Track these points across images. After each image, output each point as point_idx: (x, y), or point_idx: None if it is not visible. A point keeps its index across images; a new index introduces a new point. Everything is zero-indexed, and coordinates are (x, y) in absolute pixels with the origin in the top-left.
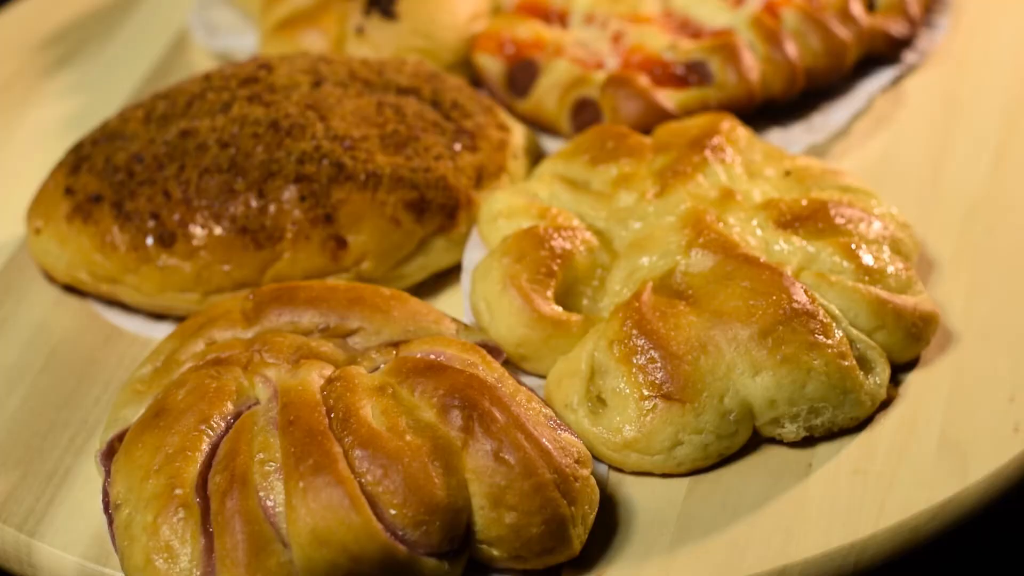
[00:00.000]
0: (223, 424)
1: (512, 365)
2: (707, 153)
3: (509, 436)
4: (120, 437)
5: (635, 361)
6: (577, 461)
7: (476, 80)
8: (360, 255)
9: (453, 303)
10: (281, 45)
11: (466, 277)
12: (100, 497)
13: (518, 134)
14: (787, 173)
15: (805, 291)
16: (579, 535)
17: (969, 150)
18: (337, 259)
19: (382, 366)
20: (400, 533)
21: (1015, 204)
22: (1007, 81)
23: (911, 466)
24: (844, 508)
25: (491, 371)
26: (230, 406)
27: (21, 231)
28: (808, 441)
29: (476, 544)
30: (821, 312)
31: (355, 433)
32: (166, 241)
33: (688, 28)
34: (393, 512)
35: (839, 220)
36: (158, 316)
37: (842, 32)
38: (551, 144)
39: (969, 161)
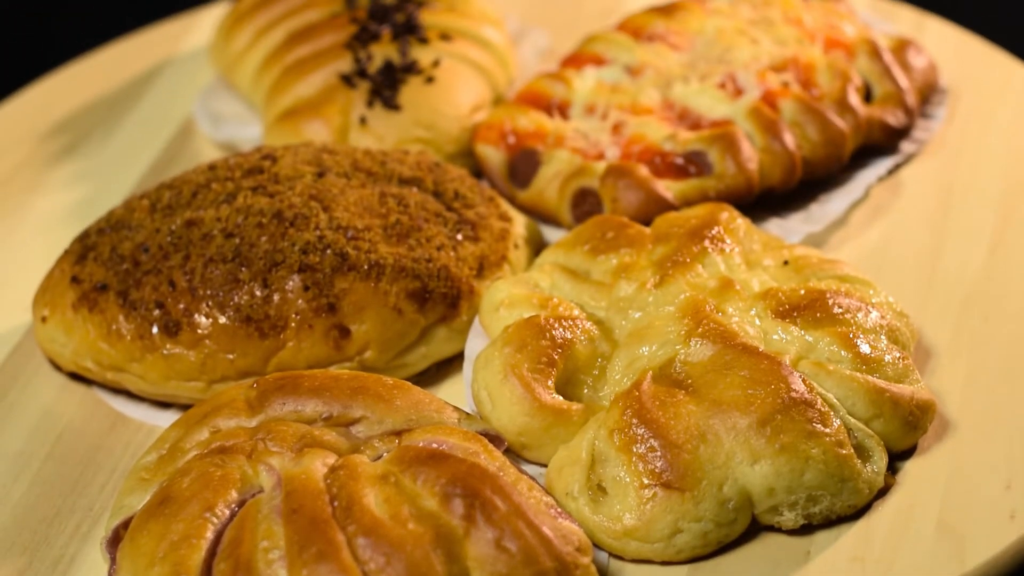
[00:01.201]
0: (227, 512)
1: (513, 454)
2: (706, 243)
3: (510, 524)
4: (125, 524)
5: (635, 450)
6: (578, 549)
7: (478, 170)
8: (363, 344)
9: (455, 392)
10: (285, 135)
11: (468, 366)
12: None
13: (519, 224)
14: (785, 263)
15: (803, 380)
16: None
17: (965, 239)
18: (340, 348)
19: (385, 455)
20: None
21: (1011, 293)
22: (1002, 171)
23: (909, 553)
24: None
25: (493, 460)
26: (234, 494)
27: (27, 319)
28: (806, 529)
29: None
30: (819, 401)
31: (358, 521)
32: (171, 330)
33: (687, 119)
34: None
35: (837, 310)
36: (163, 404)
37: (840, 122)
38: (552, 234)
39: (965, 250)
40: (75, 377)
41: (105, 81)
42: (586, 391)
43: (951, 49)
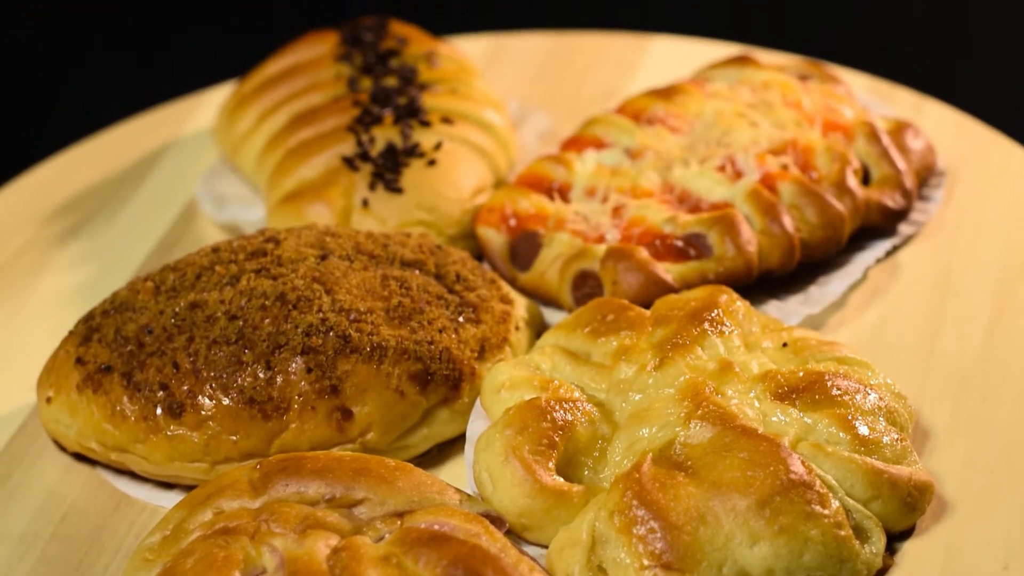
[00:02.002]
0: None
1: (514, 535)
2: (706, 326)
3: None
4: None
5: (635, 531)
6: None
7: (480, 252)
8: (365, 426)
9: (456, 473)
10: (288, 217)
11: (469, 448)
12: None
13: (520, 306)
14: (784, 345)
15: (802, 462)
16: None
17: (963, 321)
18: (343, 430)
19: (387, 536)
20: None
21: (1009, 374)
22: (1000, 252)
23: None
24: None
25: (494, 541)
26: (238, 575)
27: (32, 400)
28: None
29: None
30: (818, 483)
31: None
32: (175, 412)
33: (687, 201)
34: None
35: (835, 392)
36: (167, 484)
37: (838, 205)
38: (553, 316)
39: (963, 331)
40: (79, 458)
41: (110, 162)
42: (587, 473)
43: (949, 131)
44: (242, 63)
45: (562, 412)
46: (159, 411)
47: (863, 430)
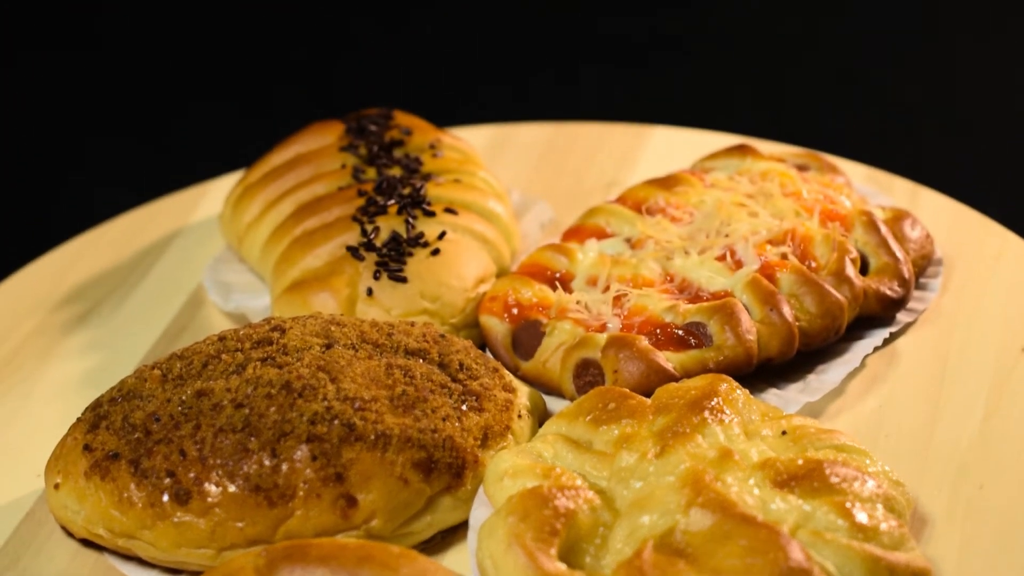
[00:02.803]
0: None
1: None
2: (706, 414)
3: None
4: None
5: None
6: None
7: (483, 341)
8: (370, 513)
9: (460, 560)
10: (293, 306)
11: (472, 535)
12: None
13: (523, 395)
14: (783, 433)
15: (801, 549)
16: None
17: (960, 408)
18: (347, 517)
19: None
20: None
21: (1006, 462)
22: (995, 340)
23: None
24: None
25: None
26: None
27: (40, 486)
28: None
29: None
30: (817, 570)
31: None
32: (182, 498)
33: (688, 290)
34: None
35: (834, 479)
36: (174, 571)
37: (837, 294)
38: (555, 404)
39: (960, 419)
40: (87, 544)
41: (118, 250)
42: (588, 560)
43: (945, 220)
44: (248, 152)
45: (564, 500)
46: (166, 498)
47: (861, 517)
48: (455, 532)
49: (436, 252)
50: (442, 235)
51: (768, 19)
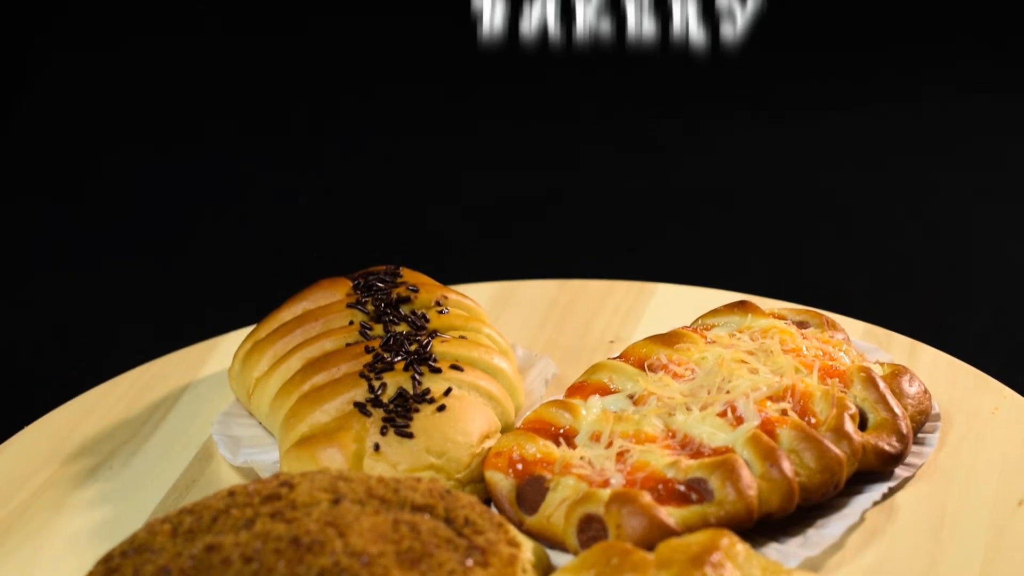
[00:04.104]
0: None
1: None
2: (707, 569)
3: None
4: None
5: None
6: None
7: (487, 495)
8: None
9: None
10: (302, 462)
11: None
12: None
13: (527, 549)
14: None
15: None
16: None
17: (958, 561)
18: None
19: None
20: None
21: None
22: (993, 494)
23: None
24: None
25: None
26: None
27: None
28: None
29: None
30: None
31: None
32: None
33: (689, 446)
34: None
35: None
36: None
37: (836, 450)
38: (559, 559)
39: (958, 572)
40: None
41: (129, 404)
42: None
43: (943, 376)
44: (258, 308)
45: None
46: None
47: None
48: None
49: (442, 408)
50: (448, 392)
51: (767, 179)
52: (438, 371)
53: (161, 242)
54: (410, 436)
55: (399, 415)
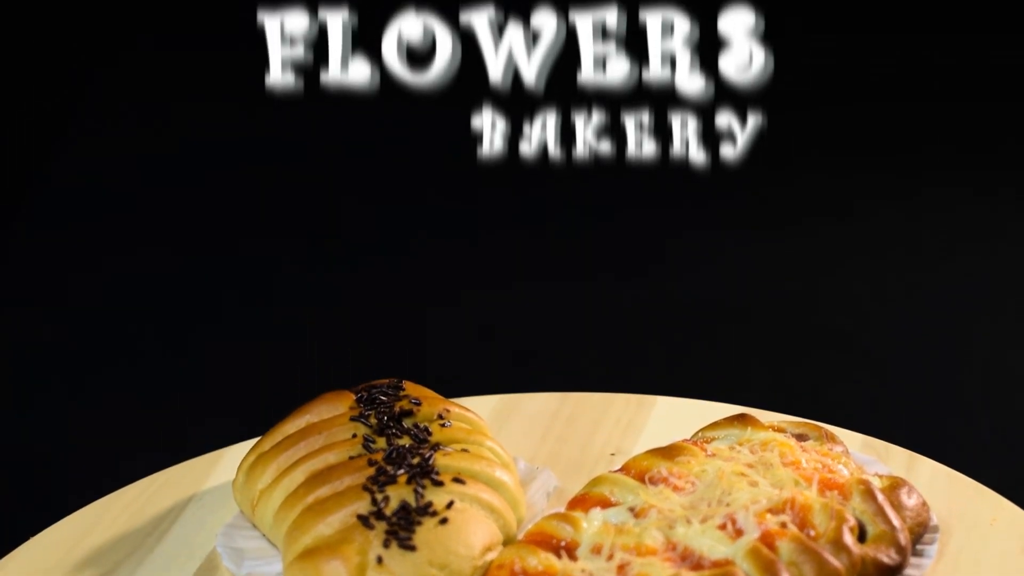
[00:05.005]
0: None
1: None
2: None
3: None
4: None
5: None
6: None
7: None
8: None
9: None
10: (305, 573)
11: None
12: None
13: None
14: None
15: None
16: None
17: None
18: None
19: None
20: None
21: None
22: None
23: None
24: None
25: None
26: None
27: None
28: None
29: None
30: None
31: None
32: None
33: (689, 559)
34: None
35: None
36: None
37: (835, 562)
38: None
39: None
40: None
41: (134, 515)
42: None
43: (941, 487)
44: (263, 420)
45: None
46: None
47: None
48: None
49: (444, 521)
50: (450, 504)
51: (766, 291)
52: (440, 484)
53: (165, 353)
54: (413, 548)
55: (402, 528)
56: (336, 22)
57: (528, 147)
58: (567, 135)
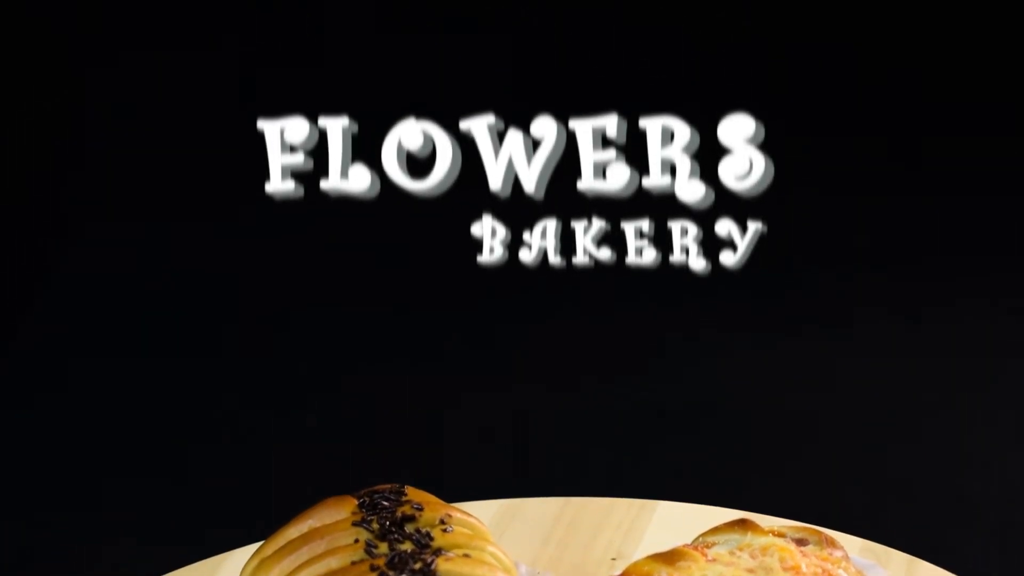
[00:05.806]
0: None
1: None
2: None
3: None
4: None
5: None
6: None
7: None
8: None
9: None
10: None
11: None
12: None
13: None
14: None
15: None
16: None
17: None
18: None
19: None
20: None
21: None
22: None
23: None
24: None
25: None
26: None
27: None
28: None
29: None
30: None
31: None
32: None
33: None
34: None
35: None
36: None
37: None
38: None
39: None
40: None
41: None
42: None
43: None
44: (266, 525)
45: None
46: None
47: None
48: None
49: None
50: None
51: (766, 396)
52: None
53: (170, 457)
54: None
55: None
56: (336, 129)
57: (528, 254)
58: (567, 242)
